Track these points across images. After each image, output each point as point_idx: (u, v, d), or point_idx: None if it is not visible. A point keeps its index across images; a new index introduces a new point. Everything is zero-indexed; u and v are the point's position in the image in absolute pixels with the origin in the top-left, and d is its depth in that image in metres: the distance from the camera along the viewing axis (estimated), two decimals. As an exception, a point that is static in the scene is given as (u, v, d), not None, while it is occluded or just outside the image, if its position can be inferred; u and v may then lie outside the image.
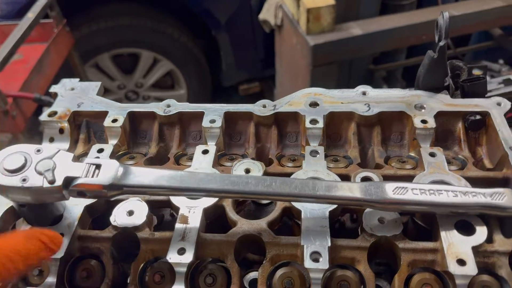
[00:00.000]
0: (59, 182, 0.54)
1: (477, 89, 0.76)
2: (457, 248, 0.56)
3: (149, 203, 0.66)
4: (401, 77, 2.91)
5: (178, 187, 0.56)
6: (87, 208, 0.66)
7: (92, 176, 0.56)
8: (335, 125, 0.78)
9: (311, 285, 0.56)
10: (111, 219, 0.64)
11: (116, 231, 0.63)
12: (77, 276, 0.62)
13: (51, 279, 0.59)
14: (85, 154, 0.79)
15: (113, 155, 0.76)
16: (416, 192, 0.57)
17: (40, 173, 0.54)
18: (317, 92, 0.81)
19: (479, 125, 0.74)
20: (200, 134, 0.81)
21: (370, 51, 2.55)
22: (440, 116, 0.74)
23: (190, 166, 0.72)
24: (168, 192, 0.58)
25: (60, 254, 0.60)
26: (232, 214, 0.64)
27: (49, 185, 0.54)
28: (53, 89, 0.87)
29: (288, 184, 0.58)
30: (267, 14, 2.83)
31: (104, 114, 0.81)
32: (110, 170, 0.56)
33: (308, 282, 0.58)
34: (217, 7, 2.90)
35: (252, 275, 0.67)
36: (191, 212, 0.63)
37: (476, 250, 0.56)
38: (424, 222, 0.63)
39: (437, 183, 0.62)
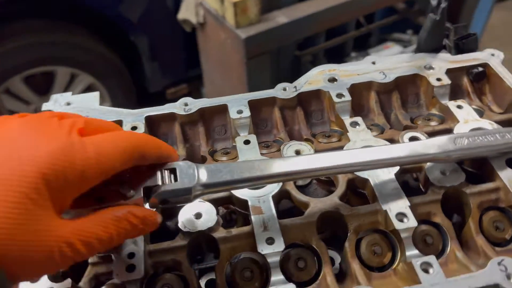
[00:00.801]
0: (139, 194, 0.49)
1: (471, 45, 0.84)
2: (517, 182, 0.62)
3: (211, 202, 0.62)
4: (324, 58, 3.05)
5: (265, 175, 0.54)
6: (146, 222, 0.60)
7: (171, 182, 0.51)
8: (357, 96, 0.80)
9: (401, 245, 0.58)
10: (180, 226, 0.59)
11: (190, 237, 0.59)
12: (159, 294, 0.57)
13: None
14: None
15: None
16: (472, 139, 0.61)
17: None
18: (330, 68, 0.82)
19: (482, 76, 0.81)
20: (225, 128, 0.78)
21: (296, 37, 2.62)
22: (448, 73, 0.80)
23: (232, 160, 0.69)
24: (252, 183, 0.55)
25: (139, 274, 0.54)
26: (301, 196, 0.63)
27: (128, 199, 0.49)
28: (45, 107, 0.77)
29: (365, 154, 0.58)
30: (186, 13, 2.78)
31: (118, 124, 0.74)
32: (188, 171, 0.52)
33: (394, 244, 0.59)
34: (132, 10, 2.77)
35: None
36: (261, 201, 0.61)
37: (538, 179, 0.62)
38: (474, 168, 0.68)
39: (481, 130, 0.66)
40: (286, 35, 2.49)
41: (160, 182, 0.51)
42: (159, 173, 0.51)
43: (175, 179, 0.51)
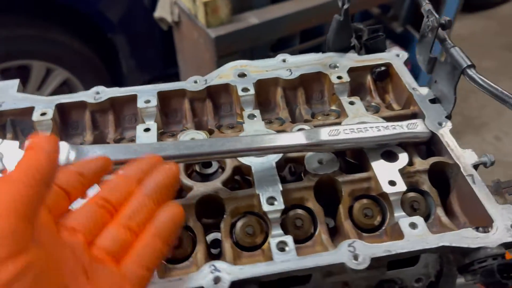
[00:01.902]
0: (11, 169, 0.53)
1: (378, 45, 0.88)
2: (386, 173, 0.66)
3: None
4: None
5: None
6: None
7: None
8: (264, 91, 0.84)
9: (270, 227, 0.62)
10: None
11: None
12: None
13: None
14: (15, 152, 0.75)
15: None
16: (347, 131, 0.66)
17: None
18: (242, 64, 0.86)
19: (384, 75, 0.86)
20: (135, 117, 0.82)
21: (267, 38, 2.67)
22: (351, 71, 0.85)
23: (133, 146, 0.73)
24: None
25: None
26: (186, 180, 0.67)
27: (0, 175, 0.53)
28: (-35, 93, 0.81)
29: (239, 141, 0.63)
30: (162, 11, 2.82)
31: (30, 110, 0.78)
32: (62, 152, 0.56)
33: (266, 225, 0.64)
34: (110, 8, 2.81)
35: (212, 236, 0.71)
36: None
37: (401, 172, 0.67)
38: (354, 159, 0.72)
39: (362, 123, 0.71)
40: (258, 36, 2.54)
41: None
42: None
43: None
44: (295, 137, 0.65)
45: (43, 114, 0.77)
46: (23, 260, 0.33)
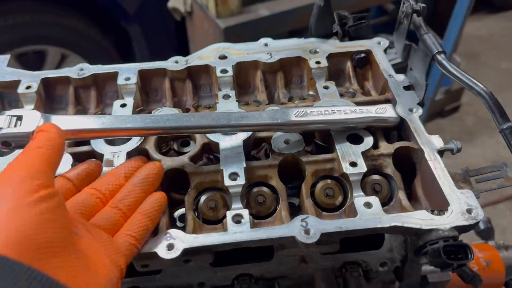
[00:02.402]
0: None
1: (361, 33, 0.89)
2: (349, 155, 0.67)
3: (73, 155, 0.69)
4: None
5: (102, 128, 0.61)
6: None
7: (15, 126, 0.58)
8: (243, 74, 0.86)
9: (231, 201, 0.64)
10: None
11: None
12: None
13: None
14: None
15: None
16: (314, 113, 0.67)
17: None
18: (224, 46, 0.88)
19: (364, 62, 0.86)
20: (117, 94, 0.84)
21: (278, 30, 2.67)
22: (331, 57, 0.85)
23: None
24: (97, 134, 0.62)
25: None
26: (155, 154, 0.70)
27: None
28: (-42, 63, 0.85)
29: (205, 118, 0.64)
30: (176, 2, 2.86)
31: (16, 83, 0.81)
32: (32, 120, 0.59)
33: (229, 201, 0.65)
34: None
35: (180, 211, 0.73)
36: (115, 156, 0.68)
37: (365, 154, 0.67)
38: (322, 141, 0.73)
39: (330, 106, 0.72)
40: (267, 28, 2.54)
41: (4, 126, 0.57)
42: (7, 118, 0.58)
43: (20, 125, 0.58)
44: (261, 116, 0.66)
45: (28, 87, 0.80)
46: (50, 190, 0.46)
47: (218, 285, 0.72)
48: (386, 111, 0.70)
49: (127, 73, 0.82)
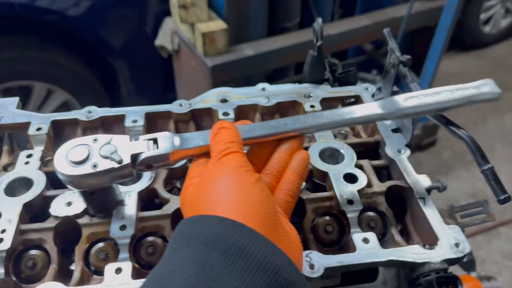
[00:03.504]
0: (126, 160, 0.58)
1: (349, 79, 0.97)
2: (346, 193, 0.73)
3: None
4: (293, 91, 3.20)
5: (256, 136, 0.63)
6: (25, 206, 0.70)
7: (155, 149, 0.60)
8: (244, 116, 0.92)
9: None
10: (51, 211, 0.69)
11: (57, 220, 0.69)
12: (22, 266, 0.66)
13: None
14: (11, 163, 0.82)
15: (42, 160, 0.81)
16: (421, 97, 0.67)
17: (106, 157, 0.59)
18: (225, 90, 0.94)
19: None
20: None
21: (262, 69, 2.78)
22: (324, 101, 0.92)
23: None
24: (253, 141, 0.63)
25: (6, 245, 0.64)
26: (164, 193, 0.74)
27: (119, 165, 0.58)
28: (-34, 107, 0.88)
29: (320, 117, 0.66)
30: (163, 40, 2.95)
31: (26, 125, 0.85)
32: (166, 140, 0.60)
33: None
34: (112, 35, 2.93)
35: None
36: (127, 196, 0.72)
37: (360, 193, 0.73)
38: (320, 180, 0.79)
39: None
40: (253, 67, 2.64)
41: (144, 150, 0.60)
42: (144, 142, 0.61)
43: (157, 147, 0.60)
44: (371, 108, 0.66)
45: (38, 129, 0.84)
46: (256, 175, 0.54)
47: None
48: (487, 86, 0.72)
49: (134, 115, 0.87)
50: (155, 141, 0.61)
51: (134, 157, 0.59)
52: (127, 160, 0.59)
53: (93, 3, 2.75)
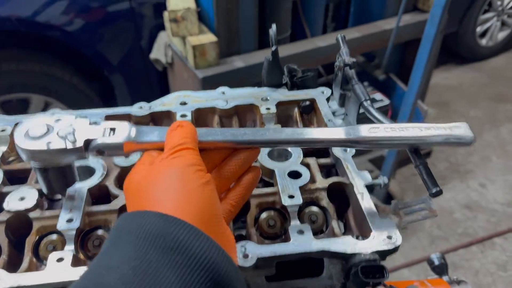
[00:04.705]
0: (80, 143, 0.59)
1: (307, 83, 1.00)
2: (289, 189, 0.75)
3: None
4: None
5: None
6: (-21, 200, 0.74)
7: (109, 136, 0.60)
8: (202, 118, 0.95)
9: None
10: (4, 205, 0.73)
11: (9, 214, 0.72)
12: (-26, 257, 0.70)
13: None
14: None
15: (3, 161, 0.84)
16: (387, 130, 0.65)
17: (62, 137, 0.59)
18: (186, 94, 0.98)
19: (309, 109, 0.97)
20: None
21: (252, 80, 2.82)
22: (281, 104, 0.96)
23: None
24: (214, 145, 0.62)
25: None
26: (114, 190, 0.77)
27: (72, 147, 0.59)
28: None
29: (281, 132, 0.64)
30: (157, 53, 3.02)
31: (-5, 128, 0.89)
32: (124, 130, 0.60)
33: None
34: (109, 50, 3.00)
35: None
36: (76, 193, 0.75)
37: (303, 188, 0.76)
38: (268, 177, 0.82)
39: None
40: (242, 78, 2.69)
41: (98, 136, 0.60)
42: (102, 129, 0.61)
43: (113, 135, 0.60)
44: (334, 132, 0.65)
45: (2, 130, 0.88)
46: (208, 175, 0.54)
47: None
48: (461, 129, 0.67)
49: (95, 117, 0.91)
50: (113, 129, 0.61)
51: (88, 142, 0.60)
52: (80, 143, 0.59)
53: (89, 19, 2.84)
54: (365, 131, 0.64)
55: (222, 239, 0.50)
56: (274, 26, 0.95)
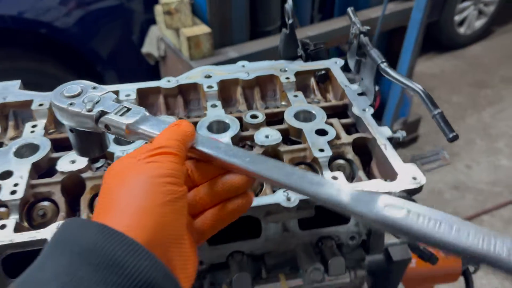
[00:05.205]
0: (93, 113, 0.63)
1: (319, 55, 1.08)
2: (318, 144, 0.83)
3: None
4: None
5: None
6: (33, 165, 0.79)
7: (121, 116, 0.62)
8: (226, 89, 1.02)
9: None
10: (57, 167, 0.78)
11: (63, 175, 0.78)
12: (34, 215, 0.75)
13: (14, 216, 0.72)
14: (17, 137, 0.91)
15: (45, 131, 0.89)
16: (412, 215, 0.47)
17: (84, 103, 0.64)
18: (209, 68, 1.05)
19: (324, 77, 1.04)
20: (118, 109, 0.98)
21: (247, 71, 2.89)
22: (298, 75, 1.03)
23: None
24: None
25: (20, 195, 0.73)
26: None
27: (86, 113, 0.63)
28: (-23, 91, 0.97)
29: (289, 175, 0.56)
30: (149, 47, 3.06)
31: (29, 102, 0.94)
32: (135, 114, 0.62)
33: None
34: (100, 44, 3.02)
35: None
36: (124, 153, 0.81)
37: (330, 144, 0.83)
38: (296, 137, 0.89)
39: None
40: (237, 68, 2.75)
41: (112, 111, 0.63)
42: (119, 106, 0.63)
43: (124, 115, 0.62)
44: (342, 192, 0.53)
45: (40, 104, 0.93)
46: (181, 190, 0.50)
47: (215, 263, 0.84)
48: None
49: (127, 91, 0.96)
50: (128, 109, 0.63)
51: (101, 114, 0.63)
52: (94, 112, 0.62)
53: (81, 15, 2.86)
54: (381, 204, 0.49)
55: (176, 261, 0.47)
56: (290, 1, 1.02)
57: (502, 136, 3.75)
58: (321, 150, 0.81)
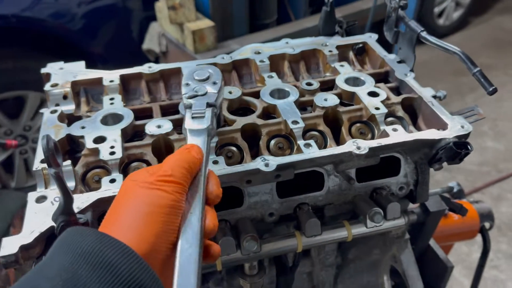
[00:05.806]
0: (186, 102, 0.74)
1: (354, 31, 1.18)
2: (373, 103, 0.93)
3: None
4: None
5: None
6: (122, 131, 0.87)
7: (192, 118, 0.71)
8: (275, 64, 1.11)
9: (295, 142, 0.87)
10: (147, 131, 0.86)
11: (153, 138, 0.86)
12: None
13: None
14: (90, 111, 0.98)
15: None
16: None
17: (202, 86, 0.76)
18: (257, 46, 1.14)
19: (362, 50, 1.15)
20: (179, 85, 1.06)
21: (248, 63, 2.98)
22: (338, 48, 1.14)
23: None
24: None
25: (119, 155, 0.81)
26: (227, 115, 0.92)
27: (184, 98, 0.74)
28: (44, 70, 1.04)
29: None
30: (150, 43, 3.11)
31: (99, 80, 1.01)
32: (209, 117, 0.71)
33: (292, 142, 0.88)
34: (99, 41, 3.06)
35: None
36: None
37: (383, 103, 0.94)
38: (348, 100, 0.99)
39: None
40: (239, 60, 2.85)
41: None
42: (208, 111, 0.72)
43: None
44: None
45: (111, 81, 1.00)
46: (176, 223, 0.56)
47: (284, 214, 0.93)
48: None
49: (188, 68, 1.05)
50: (202, 117, 0.71)
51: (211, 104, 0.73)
52: (202, 92, 0.75)
53: (84, 14, 2.90)
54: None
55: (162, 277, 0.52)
56: (329, -18, 1.13)
57: (486, 120, 3.96)
58: (377, 108, 0.92)
